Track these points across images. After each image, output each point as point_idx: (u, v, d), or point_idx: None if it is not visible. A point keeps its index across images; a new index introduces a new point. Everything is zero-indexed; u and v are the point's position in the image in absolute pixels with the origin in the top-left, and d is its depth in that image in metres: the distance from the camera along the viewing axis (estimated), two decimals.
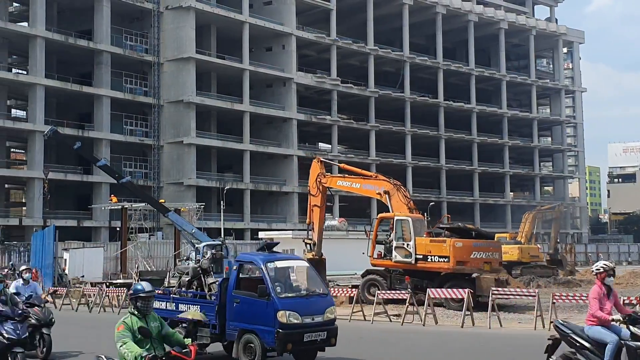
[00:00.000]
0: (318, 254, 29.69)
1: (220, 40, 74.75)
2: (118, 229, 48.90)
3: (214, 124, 74.95)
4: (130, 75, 69.34)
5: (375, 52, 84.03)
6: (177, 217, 38.86)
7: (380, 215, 29.22)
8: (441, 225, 27.20)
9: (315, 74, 79.71)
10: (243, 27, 72.68)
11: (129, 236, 46.71)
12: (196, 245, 35.54)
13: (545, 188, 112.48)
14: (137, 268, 36.56)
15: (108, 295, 26.91)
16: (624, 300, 17.66)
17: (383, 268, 26.83)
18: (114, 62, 66.87)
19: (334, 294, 24.94)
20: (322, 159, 31.19)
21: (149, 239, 50.78)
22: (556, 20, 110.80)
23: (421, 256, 25.21)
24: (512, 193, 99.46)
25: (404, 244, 25.66)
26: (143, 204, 45.13)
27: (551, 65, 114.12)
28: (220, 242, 36.92)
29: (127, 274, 38.89)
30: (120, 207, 46.36)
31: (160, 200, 46.82)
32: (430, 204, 59.95)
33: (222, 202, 57.24)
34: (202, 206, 53.31)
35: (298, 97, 78.10)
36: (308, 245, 29.84)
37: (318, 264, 29.62)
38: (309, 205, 30.21)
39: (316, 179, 29.67)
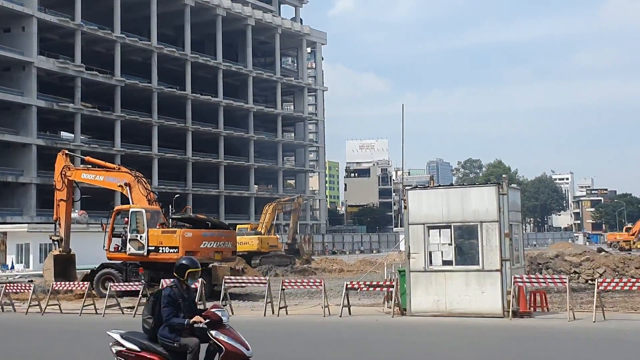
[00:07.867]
0: (66, 250, 29.11)
1: None
2: None
3: None
4: None
5: (122, 40, 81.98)
6: None
7: (117, 207, 29.20)
8: (173, 217, 27.53)
9: (58, 59, 75.98)
10: None
11: None
12: None
13: (288, 181, 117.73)
14: None
15: None
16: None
17: (120, 261, 26.57)
18: None
19: (69, 288, 24.30)
20: (67, 152, 30.46)
21: None
22: (301, 20, 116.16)
23: (153, 248, 25.42)
24: (256, 186, 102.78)
25: (137, 236, 25.70)
26: None
27: (296, 64, 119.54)
28: None
29: None
30: None
31: None
32: (176, 196, 60.36)
33: None
34: None
35: (39, 82, 74.13)
36: (56, 242, 29.17)
37: (67, 261, 28.71)
38: (55, 200, 29.40)
39: (61, 172, 28.89)
